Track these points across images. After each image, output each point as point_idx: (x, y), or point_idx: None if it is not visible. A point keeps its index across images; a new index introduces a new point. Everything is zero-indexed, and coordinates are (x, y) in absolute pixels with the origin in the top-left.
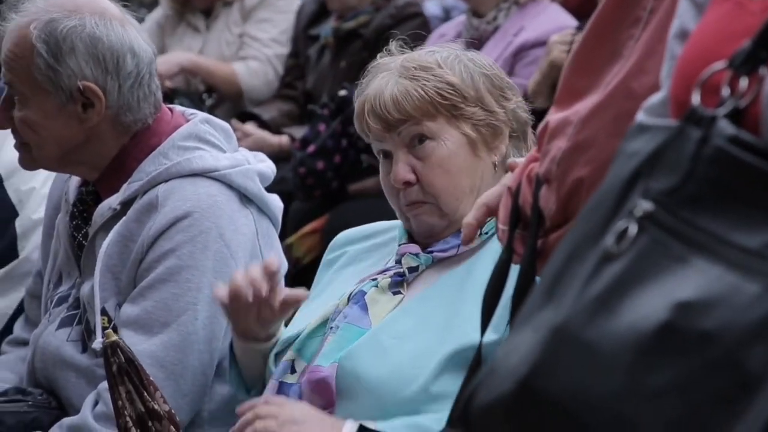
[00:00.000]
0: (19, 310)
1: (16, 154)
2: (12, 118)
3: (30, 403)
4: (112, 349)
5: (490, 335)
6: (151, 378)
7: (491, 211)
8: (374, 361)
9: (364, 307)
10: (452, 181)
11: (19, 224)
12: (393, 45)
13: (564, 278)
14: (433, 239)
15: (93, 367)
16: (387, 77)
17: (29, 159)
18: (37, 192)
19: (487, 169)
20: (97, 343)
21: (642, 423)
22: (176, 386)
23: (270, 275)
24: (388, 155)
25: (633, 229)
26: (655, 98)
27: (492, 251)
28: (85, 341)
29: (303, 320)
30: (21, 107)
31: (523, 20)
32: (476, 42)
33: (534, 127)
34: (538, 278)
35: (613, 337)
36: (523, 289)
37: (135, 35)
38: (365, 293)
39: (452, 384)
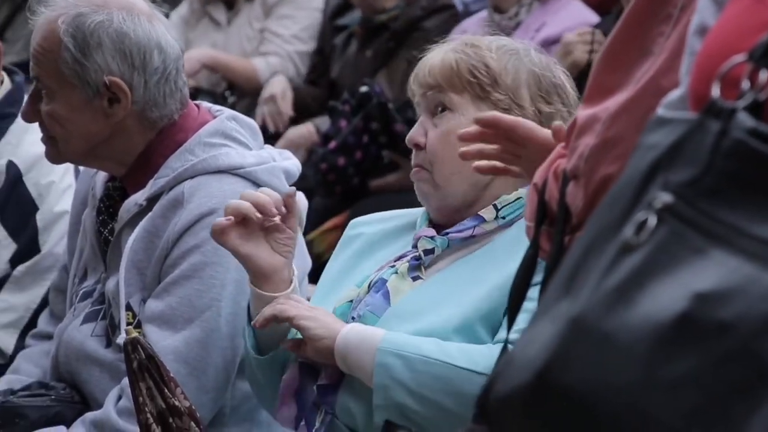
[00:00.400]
0: (43, 304)
1: (34, 149)
2: (39, 112)
3: (53, 397)
4: (132, 346)
5: (483, 305)
6: (171, 374)
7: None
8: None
9: (387, 295)
10: (452, 153)
11: (40, 218)
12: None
13: (582, 270)
14: (434, 216)
15: (117, 362)
16: (440, 51)
17: (55, 153)
18: (57, 185)
19: None
20: (121, 338)
21: (659, 414)
22: (199, 382)
23: (289, 197)
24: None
25: (652, 220)
26: (674, 94)
27: (509, 236)
28: (109, 336)
29: (323, 305)
30: (48, 101)
31: (545, 16)
32: None
33: None
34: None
35: (631, 328)
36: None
37: (162, 31)
38: (386, 281)
39: None
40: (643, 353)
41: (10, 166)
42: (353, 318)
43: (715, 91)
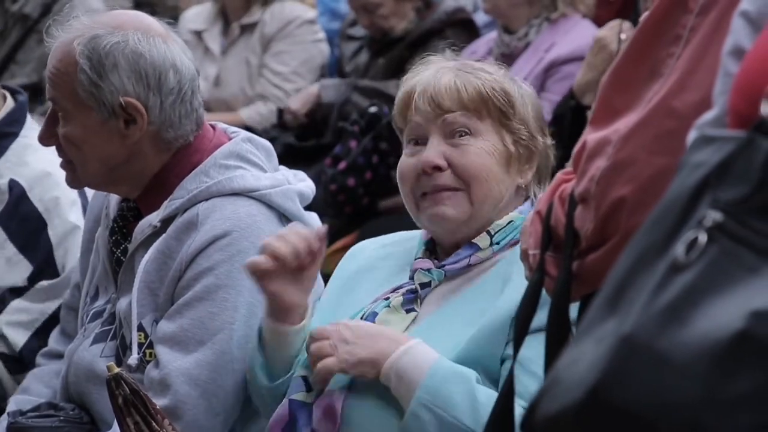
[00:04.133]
0: (58, 311)
1: (36, 166)
2: (56, 135)
3: (62, 418)
4: (116, 382)
5: (479, 336)
6: (158, 407)
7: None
8: (386, 392)
9: None
10: (488, 175)
11: (52, 234)
12: (444, 49)
13: (629, 289)
14: (444, 239)
15: None
16: (443, 70)
17: (74, 177)
18: (62, 200)
19: (512, 188)
20: (133, 359)
21: (719, 431)
22: (209, 405)
23: (320, 239)
24: (419, 143)
25: (702, 239)
26: (708, 116)
27: (505, 263)
28: (119, 356)
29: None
30: (64, 123)
31: (554, 36)
32: (507, 58)
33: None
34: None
35: (687, 347)
36: (559, 311)
37: (178, 52)
38: (377, 314)
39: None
40: (702, 371)
41: (13, 184)
42: None
43: (765, 109)
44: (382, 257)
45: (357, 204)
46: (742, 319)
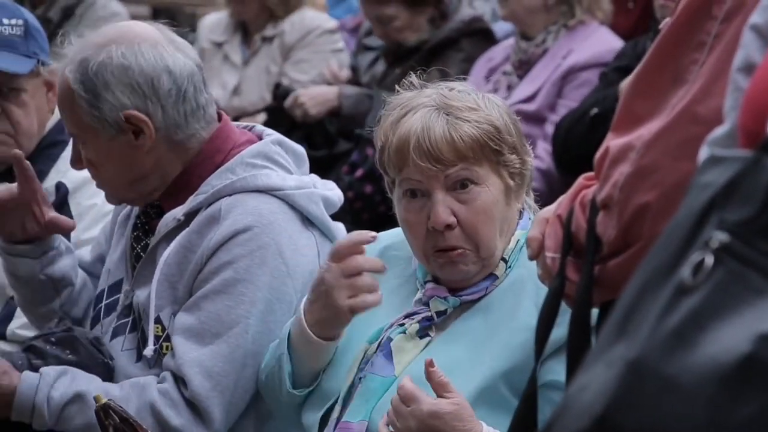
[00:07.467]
0: None
1: (85, 173)
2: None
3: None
4: (104, 412)
5: (503, 364)
6: (148, 430)
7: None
8: None
9: (389, 355)
10: (493, 228)
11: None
12: (414, 79)
13: (637, 312)
14: (462, 284)
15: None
16: (429, 113)
17: (109, 196)
18: (98, 209)
19: (515, 216)
20: (149, 351)
21: None
22: (221, 397)
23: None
24: (416, 194)
25: (709, 260)
26: (720, 131)
27: (514, 282)
28: (140, 349)
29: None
30: (83, 148)
31: (572, 43)
32: (525, 64)
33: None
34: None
35: (694, 371)
36: (580, 317)
37: (170, 52)
38: (392, 340)
39: (485, 421)
40: (708, 396)
41: (60, 185)
42: (360, 378)
43: None
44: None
45: (374, 211)
46: (749, 342)
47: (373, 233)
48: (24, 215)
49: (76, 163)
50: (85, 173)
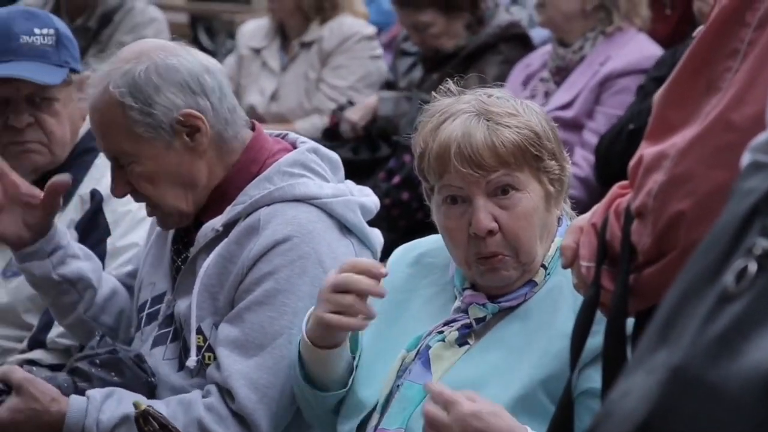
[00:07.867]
0: None
1: None
2: (127, 184)
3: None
4: (144, 419)
5: (541, 371)
6: None
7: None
8: None
9: (427, 363)
10: (533, 234)
11: (110, 242)
12: (451, 85)
13: (679, 319)
14: (503, 290)
15: (188, 388)
16: (469, 119)
17: (162, 217)
18: (133, 215)
19: (554, 222)
20: (191, 362)
21: None
22: (268, 409)
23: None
24: (456, 200)
25: (752, 267)
26: (763, 137)
27: (553, 289)
28: (182, 359)
29: (372, 361)
30: (134, 167)
31: (609, 50)
32: (562, 71)
33: None
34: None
35: (738, 378)
36: (615, 326)
37: (201, 54)
38: (430, 347)
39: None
40: (753, 404)
41: (95, 192)
42: (398, 386)
43: None
44: (420, 274)
45: (411, 218)
46: None
47: (385, 270)
48: (21, 212)
49: (120, 188)
50: None
